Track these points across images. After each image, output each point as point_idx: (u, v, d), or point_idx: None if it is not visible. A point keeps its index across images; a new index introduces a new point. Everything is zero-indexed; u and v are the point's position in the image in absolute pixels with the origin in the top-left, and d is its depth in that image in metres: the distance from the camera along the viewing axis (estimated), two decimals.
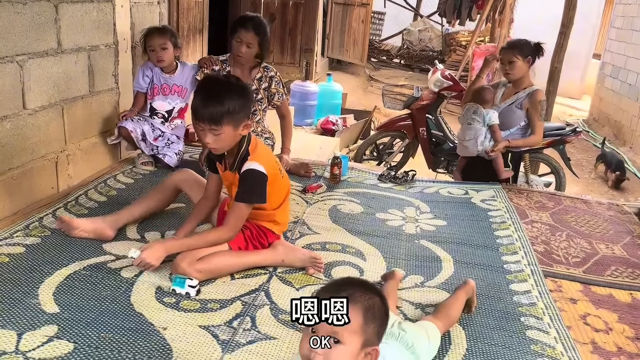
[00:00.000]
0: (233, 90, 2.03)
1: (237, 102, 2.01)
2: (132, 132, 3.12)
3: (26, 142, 2.57)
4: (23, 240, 2.25)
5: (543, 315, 2.08)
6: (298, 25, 6.83)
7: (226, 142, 2.08)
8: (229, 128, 2.02)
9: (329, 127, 6.15)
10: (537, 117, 3.44)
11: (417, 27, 12.94)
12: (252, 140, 2.18)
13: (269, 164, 2.18)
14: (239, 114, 2.03)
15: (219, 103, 1.97)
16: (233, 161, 2.17)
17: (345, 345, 1.20)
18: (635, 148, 7.80)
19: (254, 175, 2.11)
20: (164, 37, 3.19)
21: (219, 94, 2.00)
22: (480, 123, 3.47)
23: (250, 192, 2.12)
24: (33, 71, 2.55)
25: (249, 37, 3.03)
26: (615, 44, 9.45)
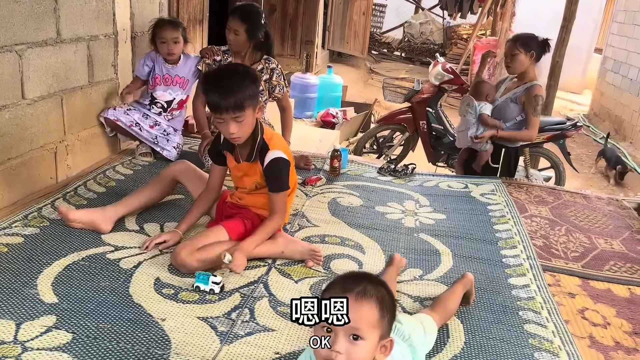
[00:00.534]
0: (244, 74, 2.08)
1: (252, 85, 2.07)
2: (117, 121, 3.12)
3: (25, 132, 2.56)
4: (22, 231, 2.25)
5: (541, 309, 2.09)
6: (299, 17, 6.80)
7: (248, 128, 2.11)
8: (250, 112, 2.07)
9: (329, 120, 6.15)
10: (532, 112, 3.36)
11: (418, 19, 12.89)
12: (265, 130, 2.22)
13: (287, 150, 2.26)
14: (256, 96, 2.09)
15: (239, 90, 2.02)
16: (250, 151, 2.18)
17: (366, 340, 1.21)
18: (635, 143, 7.80)
19: (281, 164, 2.18)
20: (177, 31, 3.20)
21: (234, 81, 2.04)
22: (472, 115, 3.49)
23: (282, 180, 2.20)
24: (32, 61, 2.53)
25: (235, 25, 3.04)
26: (616, 38, 9.42)
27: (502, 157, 3.55)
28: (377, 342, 1.24)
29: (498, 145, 3.54)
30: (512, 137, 3.50)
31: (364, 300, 1.21)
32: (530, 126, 3.41)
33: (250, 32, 3.07)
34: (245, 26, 3.04)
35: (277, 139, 2.27)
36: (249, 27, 3.05)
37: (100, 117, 3.14)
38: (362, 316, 1.21)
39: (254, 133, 2.16)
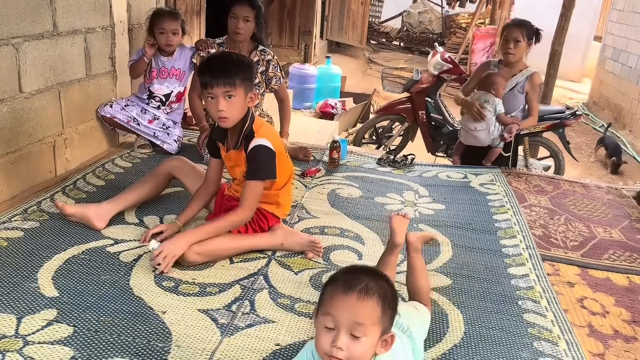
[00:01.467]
0: (240, 58, 2.12)
1: (246, 68, 2.09)
2: (114, 118, 3.12)
3: (23, 125, 2.56)
4: (21, 225, 2.25)
5: (540, 299, 2.09)
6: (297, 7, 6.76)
7: (237, 110, 2.09)
8: (241, 92, 2.06)
9: (327, 111, 6.13)
10: (536, 99, 3.50)
11: (417, 9, 12.83)
12: (256, 120, 2.20)
13: (275, 141, 2.20)
14: (248, 80, 2.09)
15: (232, 64, 2.05)
16: (237, 139, 2.17)
17: (368, 337, 1.22)
18: (635, 131, 7.79)
19: (263, 151, 2.12)
20: (176, 22, 3.18)
21: (230, 60, 2.09)
22: (492, 112, 3.40)
23: (260, 168, 2.13)
24: (29, 54, 2.52)
25: (245, 11, 3.02)
26: (616, 26, 9.37)
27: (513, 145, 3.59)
28: (379, 337, 1.25)
29: None
30: (527, 126, 3.60)
31: (366, 298, 1.21)
32: (534, 112, 3.53)
33: (258, 19, 3.08)
34: (255, 12, 3.04)
35: (266, 128, 2.22)
36: (257, 12, 3.06)
37: (98, 113, 3.14)
38: (364, 314, 1.21)
39: (243, 120, 2.15)
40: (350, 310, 1.21)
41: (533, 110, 3.51)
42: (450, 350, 1.76)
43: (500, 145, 3.52)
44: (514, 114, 3.51)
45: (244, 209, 2.13)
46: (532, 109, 3.51)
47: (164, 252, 1.98)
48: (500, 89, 3.42)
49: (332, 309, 1.23)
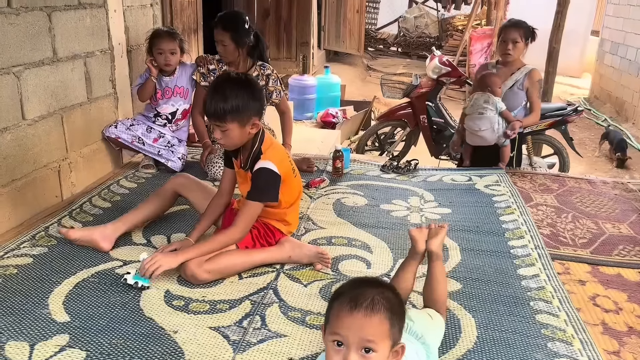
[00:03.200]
0: (240, 88, 2.06)
1: (242, 100, 2.03)
2: (118, 139, 3.14)
3: (27, 152, 2.58)
4: (30, 251, 2.26)
5: (552, 299, 2.08)
6: (293, 20, 6.80)
7: (234, 140, 2.10)
8: (234, 125, 2.04)
9: (329, 120, 6.14)
10: (537, 95, 3.53)
11: (412, 13, 12.86)
12: (267, 139, 2.19)
13: (282, 163, 2.18)
14: (244, 112, 2.05)
15: (222, 100, 2.02)
16: (246, 159, 2.19)
17: (378, 352, 1.21)
18: (638, 124, 7.76)
19: (266, 174, 2.11)
20: (174, 42, 3.21)
21: (225, 91, 2.04)
22: (494, 111, 3.42)
23: (261, 190, 2.13)
24: (30, 81, 2.55)
25: (219, 35, 3.05)
26: (613, 20, 9.37)
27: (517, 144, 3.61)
28: (389, 350, 1.24)
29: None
30: (529, 123, 3.62)
31: (373, 314, 1.21)
32: (536, 108, 3.56)
33: (236, 39, 3.06)
34: (229, 34, 3.04)
35: (274, 150, 2.20)
36: (232, 34, 3.04)
37: (102, 133, 3.16)
38: (373, 330, 1.20)
39: (253, 141, 2.16)
40: (358, 328, 1.20)
41: (534, 105, 3.55)
42: (464, 356, 1.75)
43: (506, 143, 3.52)
44: (516, 111, 3.53)
45: (236, 229, 2.12)
46: (534, 105, 3.55)
47: (153, 260, 1.99)
48: (495, 88, 3.45)
49: (340, 329, 1.22)
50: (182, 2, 4.27)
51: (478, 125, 3.46)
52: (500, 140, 3.48)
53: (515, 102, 3.53)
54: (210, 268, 2.07)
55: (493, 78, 3.47)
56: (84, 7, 2.90)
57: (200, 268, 2.05)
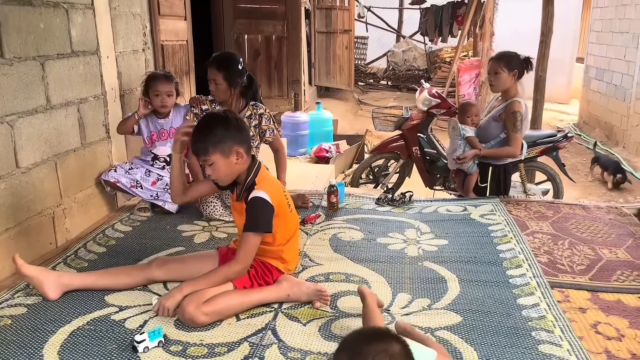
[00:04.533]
0: (216, 121, 2.16)
1: (219, 131, 2.12)
2: (117, 183, 3.15)
3: (22, 200, 2.57)
4: (24, 301, 2.23)
5: (554, 328, 2.06)
6: (283, 58, 6.92)
7: (222, 172, 2.16)
8: (217, 157, 2.11)
9: (322, 155, 6.18)
10: (512, 128, 3.43)
11: (400, 47, 13.11)
12: (261, 172, 2.24)
13: (275, 194, 2.22)
14: (224, 142, 2.11)
15: (202, 136, 2.13)
16: (240, 190, 2.23)
17: None
18: (628, 147, 7.84)
19: (259, 203, 2.15)
20: (170, 85, 3.26)
21: (202, 128, 2.15)
22: (458, 137, 3.59)
23: (256, 220, 2.16)
24: (24, 130, 2.56)
25: (213, 74, 3.09)
26: (596, 47, 9.58)
27: (490, 175, 3.60)
28: None
29: (485, 164, 3.60)
30: (495, 154, 3.56)
31: None
32: (511, 142, 3.49)
33: (229, 79, 3.10)
34: (223, 74, 3.08)
35: (267, 182, 2.24)
36: (226, 74, 3.09)
37: (101, 178, 3.16)
38: None
39: (248, 173, 2.20)
40: None
41: (509, 139, 3.47)
42: None
43: (471, 170, 3.58)
44: (493, 142, 3.56)
45: (237, 262, 2.15)
46: (508, 138, 3.48)
47: (161, 308, 2.08)
48: (465, 116, 3.64)
49: None
50: (173, 46, 4.35)
51: (448, 149, 3.71)
52: (464, 166, 3.57)
53: (490, 133, 3.56)
54: (208, 310, 2.04)
55: (468, 107, 3.66)
56: (76, 55, 2.95)
57: (197, 310, 2.02)
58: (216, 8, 6.64)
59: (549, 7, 5.63)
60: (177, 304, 2.07)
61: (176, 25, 4.40)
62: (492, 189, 3.63)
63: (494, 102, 3.70)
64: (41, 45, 2.65)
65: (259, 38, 6.80)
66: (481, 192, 3.63)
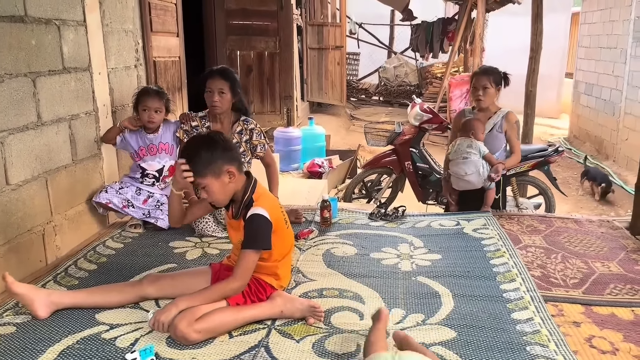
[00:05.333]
0: (202, 144, 2.15)
1: (206, 154, 2.11)
2: (109, 204, 3.13)
3: (11, 217, 2.55)
4: (13, 319, 2.20)
5: (548, 342, 2.05)
6: (275, 74, 6.95)
7: (218, 194, 2.16)
8: (208, 180, 2.11)
9: (315, 170, 6.18)
10: (516, 137, 3.61)
11: (392, 63, 13.23)
12: (257, 189, 2.24)
13: (273, 211, 2.22)
14: (212, 164, 2.11)
15: (190, 161, 2.12)
16: (237, 208, 2.22)
17: None
18: (618, 161, 7.91)
19: (258, 221, 2.14)
20: (160, 101, 3.25)
21: (188, 154, 2.15)
22: (477, 155, 3.47)
23: (255, 237, 2.15)
24: (14, 146, 2.55)
25: (219, 84, 3.07)
26: (585, 62, 9.71)
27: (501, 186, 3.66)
28: None
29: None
30: (510, 165, 3.63)
31: None
32: (516, 150, 3.62)
33: (234, 89, 3.12)
34: (229, 84, 3.10)
35: (265, 198, 2.25)
36: (232, 84, 3.11)
37: (93, 201, 3.14)
38: None
39: (244, 190, 2.20)
40: None
41: (514, 147, 3.62)
42: None
43: (492, 186, 3.56)
44: (497, 154, 3.59)
45: (235, 279, 2.13)
46: (514, 146, 3.62)
47: (156, 323, 2.04)
48: (479, 132, 3.52)
49: None
50: (165, 62, 4.36)
51: (464, 169, 3.49)
52: (486, 183, 3.52)
53: (496, 145, 3.59)
54: (200, 327, 2.02)
55: (476, 123, 3.54)
56: (68, 72, 2.94)
57: (190, 328, 2.00)
58: (208, 24, 6.68)
59: (538, 24, 5.72)
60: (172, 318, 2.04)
61: (168, 42, 4.41)
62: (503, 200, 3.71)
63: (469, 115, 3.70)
64: (32, 61, 2.65)
65: (252, 54, 6.83)
66: (495, 206, 3.67)
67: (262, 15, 6.75)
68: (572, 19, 12.66)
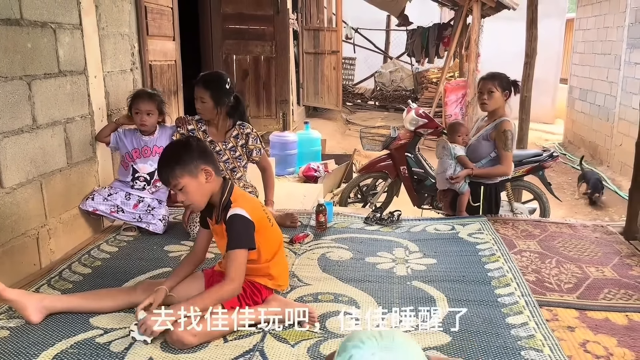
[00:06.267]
0: (178, 146, 2.21)
1: (182, 154, 2.13)
2: (96, 211, 3.12)
3: (5, 221, 2.53)
4: (7, 323, 2.18)
5: (543, 347, 2.06)
6: (271, 79, 6.95)
7: (196, 195, 2.15)
8: (185, 180, 2.11)
9: (311, 174, 6.18)
10: (502, 147, 3.46)
11: (387, 68, 13.26)
12: (235, 191, 2.23)
13: (254, 211, 2.21)
14: (187, 163, 2.11)
15: (163, 164, 2.14)
16: (218, 212, 2.20)
17: None
18: (612, 166, 7.95)
19: (238, 220, 2.14)
20: (152, 104, 3.24)
21: (166, 155, 2.17)
22: (449, 157, 3.60)
23: (238, 237, 2.14)
24: (9, 149, 2.54)
25: (200, 92, 3.10)
26: (579, 68, 9.77)
27: (482, 194, 3.60)
28: None
29: (476, 184, 3.60)
30: (487, 173, 3.57)
31: None
32: (502, 161, 3.51)
33: (216, 98, 3.11)
34: (209, 92, 3.09)
35: (244, 199, 2.24)
36: (213, 93, 3.10)
37: (79, 207, 3.13)
38: None
39: (222, 194, 2.19)
40: None
41: (501, 157, 3.49)
42: None
43: (463, 189, 3.58)
44: (483, 161, 3.57)
45: (228, 281, 2.12)
46: (499, 157, 3.50)
47: (143, 328, 2.01)
48: (456, 136, 3.67)
49: None
50: (161, 66, 4.36)
51: (440, 168, 3.69)
52: (455, 186, 3.57)
53: (480, 152, 3.58)
54: (196, 331, 2.01)
55: (457, 126, 3.69)
56: (64, 75, 2.94)
57: (186, 331, 1.99)
58: (205, 28, 6.68)
59: (532, 30, 5.75)
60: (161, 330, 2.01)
61: (165, 46, 4.41)
62: (484, 208, 3.63)
63: (480, 122, 3.73)
64: (28, 64, 2.64)
65: (248, 58, 6.84)
66: (474, 212, 3.62)
67: (259, 20, 6.76)
68: (567, 25, 12.74)
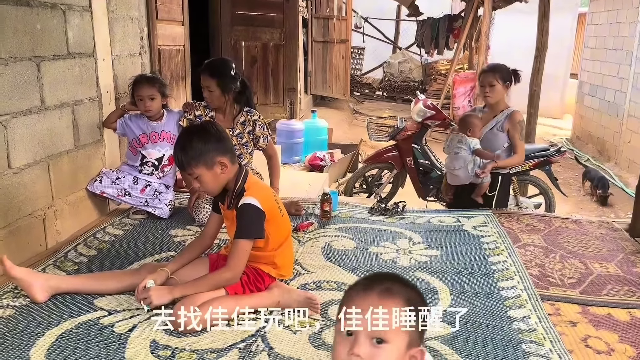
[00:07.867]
0: (195, 135, 2.15)
1: (197, 144, 2.11)
2: (103, 194, 3.13)
3: (12, 201, 2.55)
4: (12, 302, 2.21)
5: (544, 341, 2.06)
6: (280, 66, 6.94)
7: (210, 184, 2.17)
8: (200, 170, 2.12)
9: (316, 163, 6.17)
10: (518, 137, 3.56)
11: (396, 59, 13.20)
12: (250, 178, 2.24)
13: (266, 200, 2.21)
14: (204, 155, 2.11)
15: (181, 151, 2.12)
16: (230, 199, 2.21)
17: (391, 344, 1.08)
18: (620, 163, 7.90)
19: (249, 210, 2.15)
20: (152, 88, 3.22)
21: (181, 142, 2.16)
22: (467, 150, 3.52)
23: (247, 226, 2.16)
24: (17, 130, 2.55)
25: (206, 81, 3.09)
26: (590, 63, 9.68)
27: (499, 184, 3.62)
28: (405, 349, 1.10)
29: (494, 174, 3.60)
30: (507, 164, 3.61)
31: (389, 300, 1.09)
32: (519, 150, 3.58)
33: (223, 86, 3.10)
34: (216, 80, 3.08)
35: (256, 187, 2.25)
36: (219, 80, 3.09)
37: (86, 188, 3.14)
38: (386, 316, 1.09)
39: (236, 181, 2.20)
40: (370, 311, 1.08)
41: (517, 147, 3.58)
42: None
43: (485, 180, 3.56)
44: (497, 152, 3.58)
45: (228, 269, 2.14)
46: (516, 146, 3.58)
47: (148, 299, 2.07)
48: (476, 129, 3.55)
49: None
50: (170, 50, 4.35)
51: (453, 164, 3.58)
52: (477, 180, 3.54)
53: (495, 144, 3.58)
54: (197, 315, 2.02)
55: (473, 119, 3.58)
56: (72, 57, 2.94)
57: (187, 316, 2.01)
58: (214, 14, 6.66)
59: (544, 23, 5.70)
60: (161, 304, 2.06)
61: (174, 30, 4.40)
62: (499, 198, 3.66)
63: (479, 113, 3.71)
64: (37, 46, 2.65)
65: (256, 45, 6.82)
66: (488, 201, 3.64)
67: (268, 6, 6.73)
68: (579, 19, 12.60)
